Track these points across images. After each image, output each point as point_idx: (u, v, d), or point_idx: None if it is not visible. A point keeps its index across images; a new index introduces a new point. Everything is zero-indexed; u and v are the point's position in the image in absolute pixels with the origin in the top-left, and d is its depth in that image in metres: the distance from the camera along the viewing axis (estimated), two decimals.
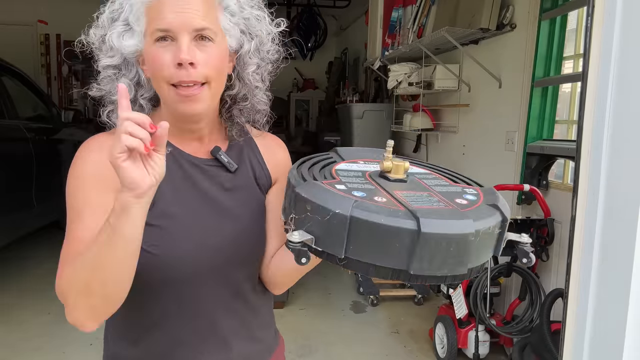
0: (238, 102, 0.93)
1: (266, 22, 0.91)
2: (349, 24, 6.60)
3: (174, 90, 0.81)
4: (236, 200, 0.92)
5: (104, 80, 0.88)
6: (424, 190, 0.75)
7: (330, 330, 2.96)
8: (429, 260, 0.62)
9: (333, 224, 0.63)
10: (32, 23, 6.84)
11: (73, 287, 0.75)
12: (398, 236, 0.61)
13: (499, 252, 0.72)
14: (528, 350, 2.23)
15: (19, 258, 4.20)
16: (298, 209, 0.67)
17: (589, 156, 0.78)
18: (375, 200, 0.66)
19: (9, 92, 3.81)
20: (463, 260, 0.64)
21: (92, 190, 0.82)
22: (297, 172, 0.75)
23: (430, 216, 0.62)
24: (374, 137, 4.44)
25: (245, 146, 0.97)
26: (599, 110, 0.76)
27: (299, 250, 0.65)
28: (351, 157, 0.86)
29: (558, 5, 2.48)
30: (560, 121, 2.63)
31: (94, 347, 2.76)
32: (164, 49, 0.80)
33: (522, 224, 2.45)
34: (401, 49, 3.71)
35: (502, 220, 0.69)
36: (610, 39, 0.73)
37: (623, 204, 0.72)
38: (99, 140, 0.86)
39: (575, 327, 0.81)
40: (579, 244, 0.81)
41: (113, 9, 0.85)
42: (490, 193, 0.77)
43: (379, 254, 0.63)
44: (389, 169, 0.77)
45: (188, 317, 0.90)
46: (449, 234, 0.62)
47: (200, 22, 0.80)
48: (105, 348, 0.97)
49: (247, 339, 0.97)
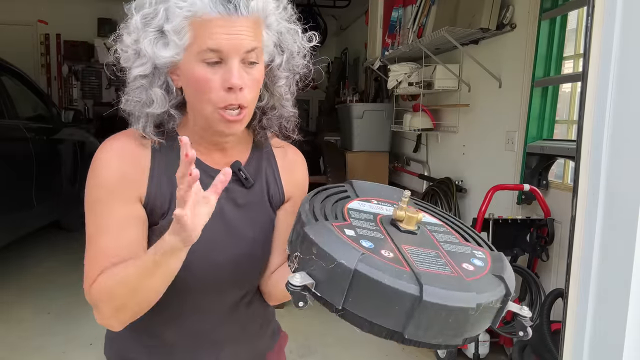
0: (267, 112, 0.93)
1: (299, 36, 0.90)
2: (349, 23, 6.59)
3: (219, 113, 0.80)
4: (246, 219, 0.92)
5: (136, 91, 0.84)
6: (433, 247, 0.73)
7: (328, 331, 2.95)
8: (426, 328, 0.62)
9: (336, 273, 0.62)
10: (32, 23, 6.83)
11: (109, 302, 0.79)
12: (399, 299, 0.60)
13: (497, 323, 0.70)
14: (528, 350, 2.23)
15: (19, 257, 4.19)
16: (304, 249, 0.67)
17: (589, 156, 0.78)
18: (382, 255, 0.65)
19: (9, 92, 3.81)
20: (460, 332, 0.63)
21: (116, 202, 0.82)
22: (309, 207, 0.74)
23: (435, 284, 0.61)
24: (374, 137, 4.44)
25: (264, 160, 0.96)
26: (599, 110, 0.76)
27: (299, 294, 0.65)
28: (365, 194, 0.85)
29: (558, 5, 2.48)
30: (560, 121, 2.63)
31: (94, 346, 2.76)
32: (212, 70, 0.78)
33: (522, 223, 2.45)
34: (401, 49, 3.71)
35: (504, 294, 0.67)
36: (610, 39, 0.73)
37: (623, 204, 0.72)
38: (120, 143, 0.85)
39: (575, 327, 0.81)
40: (579, 244, 0.81)
41: (145, 12, 0.80)
42: (498, 260, 0.75)
43: (377, 311, 0.62)
44: (401, 219, 0.75)
45: (188, 322, 0.93)
46: (449, 306, 0.60)
47: (250, 43, 0.79)
48: (108, 345, 1.00)
49: (244, 344, 1.00)
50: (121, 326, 0.83)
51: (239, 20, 0.77)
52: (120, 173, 0.83)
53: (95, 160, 0.84)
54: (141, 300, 0.79)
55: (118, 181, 0.82)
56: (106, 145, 0.85)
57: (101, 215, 0.82)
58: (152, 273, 0.75)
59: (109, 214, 0.82)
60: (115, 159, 0.83)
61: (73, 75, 7.06)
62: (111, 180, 0.82)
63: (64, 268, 3.97)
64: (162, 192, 0.85)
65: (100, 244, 0.82)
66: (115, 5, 5.35)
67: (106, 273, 0.80)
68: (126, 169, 0.83)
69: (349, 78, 6.48)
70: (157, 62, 0.81)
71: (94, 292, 0.80)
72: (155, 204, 0.85)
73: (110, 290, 0.79)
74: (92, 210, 0.83)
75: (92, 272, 0.81)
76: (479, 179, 3.20)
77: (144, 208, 0.85)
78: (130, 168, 0.84)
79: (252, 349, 1.02)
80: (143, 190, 0.84)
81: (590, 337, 0.78)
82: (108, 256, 0.81)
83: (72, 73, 7.04)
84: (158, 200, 0.85)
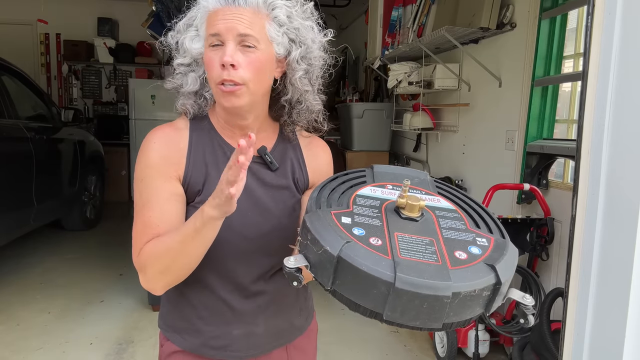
0: (294, 105, 1.04)
1: (314, 31, 1.01)
2: (349, 23, 6.59)
3: (218, 87, 0.93)
4: (274, 198, 1.03)
5: (177, 76, 1.02)
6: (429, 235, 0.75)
7: (330, 329, 2.96)
8: (401, 312, 0.66)
9: (324, 258, 0.69)
10: (32, 22, 6.83)
11: (154, 267, 0.92)
12: (376, 284, 0.66)
13: (491, 310, 0.71)
14: (528, 349, 2.23)
15: (19, 257, 4.20)
16: (303, 234, 0.75)
17: (589, 156, 0.78)
18: (370, 243, 0.70)
19: (9, 92, 3.81)
20: (437, 318, 0.67)
21: (158, 179, 0.96)
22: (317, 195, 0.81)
23: (409, 273, 0.65)
24: (374, 137, 4.44)
25: (289, 147, 1.08)
26: (599, 110, 0.76)
27: (293, 275, 0.73)
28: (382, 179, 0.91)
29: (558, 4, 2.48)
30: (560, 120, 2.63)
31: (94, 346, 2.76)
32: (214, 52, 0.92)
33: (522, 223, 2.45)
34: (401, 48, 3.70)
35: (494, 283, 0.69)
36: (610, 39, 0.73)
37: (623, 204, 0.72)
38: (161, 131, 1.00)
39: (575, 326, 0.81)
40: (579, 244, 0.81)
41: (190, 15, 0.98)
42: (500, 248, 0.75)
43: (359, 294, 0.68)
44: (402, 206, 0.79)
45: (223, 290, 1.03)
46: (421, 294, 0.64)
47: (244, 29, 0.91)
48: (163, 303, 1.12)
49: (275, 317, 1.08)
50: (162, 290, 0.97)
51: (237, 9, 0.91)
52: (162, 154, 0.97)
53: (142, 146, 0.99)
54: (182, 264, 0.91)
55: (160, 161, 0.97)
56: (150, 133, 1.00)
57: (147, 191, 0.96)
58: (192, 239, 0.87)
59: (154, 190, 0.96)
60: (157, 143, 0.98)
61: (73, 75, 7.06)
62: (155, 160, 0.97)
63: (64, 268, 3.97)
64: (197, 171, 0.99)
65: (146, 217, 0.95)
66: (115, 5, 5.34)
67: (152, 241, 0.92)
68: (167, 151, 0.98)
69: (349, 77, 6.47)
70: (193, 54, 0.97)
71: (142, 257, 0.93)
72: (191, 181, 0.99)
73: (156, 255, 0.91)
74: (139, 187, 0.97)
75: (140, 241, 0.94)
76: (479, 179, 3.20)
77: (183, 187, 0.99)
78: (171, 151, 0.98)
79: (287, 323, 1.10)
80: (182, 170, 0.98)
81: (590, 336, 0.78)
82: (152, 227, 0.94)
83: (72, 72, 7.04)
84: (193, 178, 0.99)
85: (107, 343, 2.80)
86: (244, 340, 1.05)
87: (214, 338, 1.04)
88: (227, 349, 1.05)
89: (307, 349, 1.17)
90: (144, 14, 3.99)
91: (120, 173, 6.56)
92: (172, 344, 1.07)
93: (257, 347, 1.07)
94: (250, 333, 1.05)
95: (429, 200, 0.85)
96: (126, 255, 4.30)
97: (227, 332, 1.04)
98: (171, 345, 1.08)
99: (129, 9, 6.79)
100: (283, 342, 1.11)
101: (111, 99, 7.19)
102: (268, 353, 1.09)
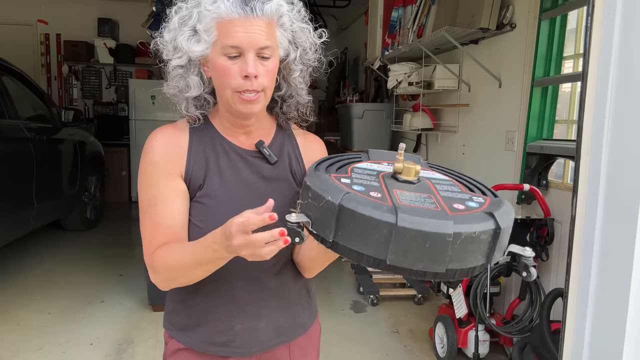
0: (285, 100, 1.08)
1: (310, 34, 1.04)
2: (349, 23, 6.59)
3: (238, 95, 0.96)
4: (273, 190, 1.05)
5: (175, 79, 1.03)
6: (427, 192, 0.77)
7: (330, 329, 2.96)
8: (404, 253, 0.67)
9: (325, 210, 0.71)
10: (32, 23, 6.83)
11: (164, 274, 0.98)
12: (378, 227, 0.67)
13: (491, 260, 0.72)
14: (528, 349, 2.23)
15: (19, 257, 4.20)
16: (303, 196, 0.77)
17: (589, 156, 0.78)
18: (370, 195, 0.72)
19: (9, 92, 3.81)
20: (439, 259, 0.67)
21: (162, 177, 1.00)
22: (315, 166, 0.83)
23: (411, 213, 0.66)
24: (374, 137, 4.44)
25: (286, 141, 1.11)
26: (599, 110, 0.76)
27: (294, 230, 0.74)
28: (378, 158, 0.93)
29: (558, 5, 2.48)
30: (560, 121, 2.63)
31: (94, 346, 2.76)
32: (232, 61, 0.94)
33: (522, 223, 2.45)
34: (401, 49, 3.70)
35: (494, 228, 0.69)
36: (610, 39, 0.73)
37: (623, 204, 0.72)
38: (163, 131, 1.04)
39: (575, 327, 0.81)
40: (579, 244, 0.81)
41: (182, 15, 0.97)
42: (496, 203, 0.77)
43: (362, 242, 0.69)
44: (399, 170, 0.81)
45: (225, 283, 1.04)
46: (423, 231, 0.65)
47: (264, 41, 0.94)
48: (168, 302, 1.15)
49: (278, 313, 1.09)
50: (167, 288, 1.04)
51: (255, 21, 0.93)
52: (165, 153, 1.01)
53: (145, 145, 1.02)
54: (190, 279, 0.97)
55: (163, 159, 1.00)
56: (153, 133, 1.04)
57: (151, 187, 1.00)
58: (199, 266, 0.92)
59: (158, 188, 0.99)
60: (160, 142, 1.02)
61: (73, 75, 7.06)
62: (157, 158, 1.00)
63: (64, 268, 3.97)
64: (198, 166, 1.02)
65: (153, 215, 0.99)
66: (115, 5, 5.35)
67: (167, 249, 0.96)
68: (169, 149, 1.01)
69: (349, 78, 6.48)
70: (191, 55, 0.98)
71: (155, 261, 0.97)
72: (193, 177, 1.02)
73: (170, 267, 0.96)
74: (144, 184, 1.01)
75: (153, 242, 0.98)
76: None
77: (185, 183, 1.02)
78: (172, 148, 1.02)
79: (289, 320, 1.12)
80: (183, 167, 1.02)
81: (590, 336, 0.79)
82: (162, 226, 0.98)
83: (72, 73, 7.04)
84: (194, 174, 1.02)
85: (107, 343, 2.80)
86: (247, 336, 1.06)
87: (217, 334, 1.06)
88: (230, 345, 1.06)
89: (310, 350, 1.18)
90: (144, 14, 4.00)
91: (121, 173, 6.56)
92: (176, 342, 1.09)
93: (259, 343, 1.08)
94: (252, 328, 1.07)
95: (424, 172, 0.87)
96: (126, 256, 4.31)
97: (230, 327, 1.06)
98: (175, 343, 1.09)
99: (129, 10, 6.79)
100: (285, 340, 1.12)
101: (111, 100, 7.19)
102: (271, 350, 1.10)
